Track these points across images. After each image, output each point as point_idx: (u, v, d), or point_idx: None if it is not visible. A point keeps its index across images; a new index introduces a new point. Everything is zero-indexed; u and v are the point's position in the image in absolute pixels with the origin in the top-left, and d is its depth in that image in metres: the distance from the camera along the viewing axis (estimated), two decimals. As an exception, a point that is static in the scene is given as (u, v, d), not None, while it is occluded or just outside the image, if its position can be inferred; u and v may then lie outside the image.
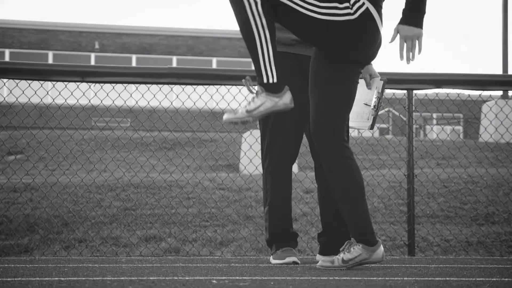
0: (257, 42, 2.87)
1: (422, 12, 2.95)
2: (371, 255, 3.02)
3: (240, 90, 5.06)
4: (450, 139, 8.24)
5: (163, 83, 4.66)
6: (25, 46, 24.04)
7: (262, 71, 2.90)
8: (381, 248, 3.04)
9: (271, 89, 2.92)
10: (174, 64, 24.90)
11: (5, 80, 4.53)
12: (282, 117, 3.29)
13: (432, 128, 9.57)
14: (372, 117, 3.26)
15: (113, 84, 4.70)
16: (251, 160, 6.92)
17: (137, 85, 4.75)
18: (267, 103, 2.93)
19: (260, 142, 3.57)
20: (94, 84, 4.71)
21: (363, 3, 2.91)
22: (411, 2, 2.95)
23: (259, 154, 6.88)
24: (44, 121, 6.51)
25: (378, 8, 2.97)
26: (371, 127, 3.26)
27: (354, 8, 2.90)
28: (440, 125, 17.16)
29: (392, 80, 4.68)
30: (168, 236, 6.12)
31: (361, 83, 3.39)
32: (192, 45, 24.76)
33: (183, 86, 4.73)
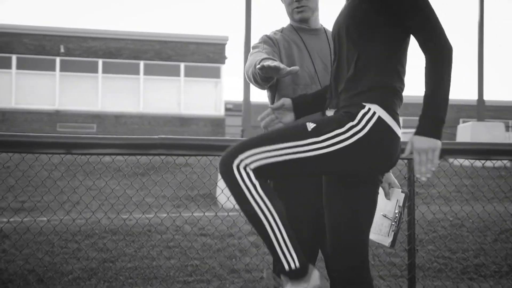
0: (267, 228, 2.48)
1: (440, 120, 2.46)
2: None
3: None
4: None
5: (153, 155, 4.38)
6: (-13, 49, 23.34)
7: (282, 258, 2.49)
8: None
9: (296, 275, 2.50)
10: (142, 69, 24.39)
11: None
12: (297, 229, 2.96)
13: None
14: (393, 233, 3.02)
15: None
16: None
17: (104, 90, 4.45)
18: None
19: None
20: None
21: (374, 113, 2.52)
22: (427, 109, 2.46)
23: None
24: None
25: (394, 114, 2.56)
26: (392, 244, 3.02)
27: (363, 122, 2.51)
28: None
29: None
30: (151, 295, 5.85)
31: (379, 191, 3.16)
32: (159, 49, 24.29)
33: (174, 157, 4.46)
